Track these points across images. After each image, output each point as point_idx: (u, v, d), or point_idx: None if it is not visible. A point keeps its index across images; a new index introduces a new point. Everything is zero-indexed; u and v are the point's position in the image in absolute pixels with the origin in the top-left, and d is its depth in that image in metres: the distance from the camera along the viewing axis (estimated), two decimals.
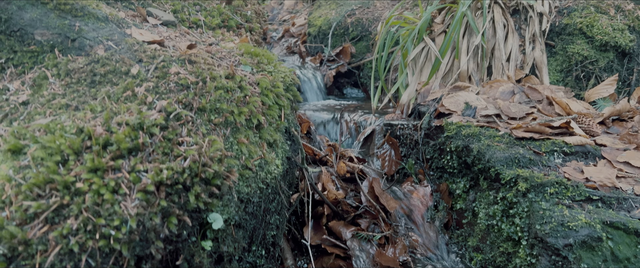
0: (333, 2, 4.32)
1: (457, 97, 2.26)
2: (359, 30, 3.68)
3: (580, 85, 2.26)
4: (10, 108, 1.32)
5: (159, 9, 2.13)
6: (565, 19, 2.28)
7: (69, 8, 1.60)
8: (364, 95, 3.64)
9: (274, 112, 1.53)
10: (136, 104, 1.29)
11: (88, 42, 1.55)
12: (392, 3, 3.83)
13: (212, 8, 2.30)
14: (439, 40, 2.59)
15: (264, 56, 1.71)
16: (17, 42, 1.53)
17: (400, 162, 2.34)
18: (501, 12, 2.43)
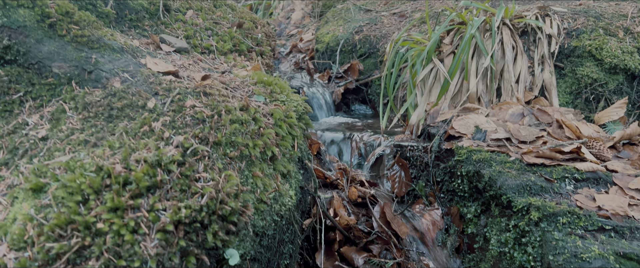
0: (340, 18, 4.35)
1: (467, 119, 2.27)
2: (367, 47, 3.70)
3: (590, 107, 2.26)
4: (30, 143, 1.35)
5: (172, 34, 2.16)
6: (574, 41, 2.29)
7: (85, 40, 1.63)
8: (372, 111, 3.66)
9: (287, 143, 1.55)
10: (154, 139, 1.31)
11: (104, 74, 1.58)
12: (399, 20, 3.85)
13: (223, 32, 2.33)
14: (448, 61, 2.61)
15: (276, 85, 1.74)
16: (35, 74, 1.56)
17: (411, 183, 2.35)
18: (510, 34, 2.45)
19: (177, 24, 2.22)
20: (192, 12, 2.36)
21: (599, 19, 2.35)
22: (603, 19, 2.35)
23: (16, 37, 1.56)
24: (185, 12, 2.34)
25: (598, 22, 2.33)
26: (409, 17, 3.86)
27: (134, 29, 2.05)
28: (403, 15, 3.92)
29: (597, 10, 2.44)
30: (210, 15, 2.44)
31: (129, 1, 2.08)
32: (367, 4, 4.53)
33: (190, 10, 2.36)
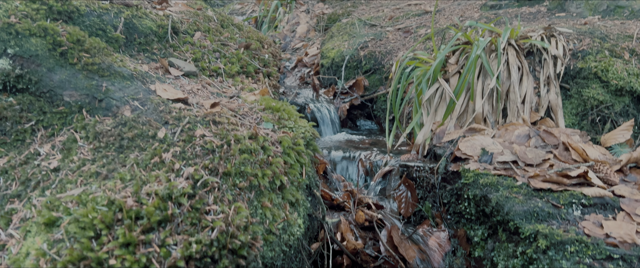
0: (345, 33, 4.38)
1: (473, 140, 2.27)
2: (372, 63, 3.72)
3: (596, 129, 2.27)
4: (42, 175, 1.36)
5: (180, 58, 2.18)
6: (580, 62, 2.29)
7: (96, 68, 1.65)
8: (377, 127, 3.67)
9: (295, 171, 1.56)
10: (164, 171, 1.32)
11: (115, 102, 1.60)
12: (404, 36, 3.87)
13: (231, 54, 2.35)
14: (454, 80, 2.62)
15: (284, 111, 1.75)
16: (47, 103, 1.58)
17: (417, 204, 2.35)
18: (515, 54, 2.46)
19: (185, 46, 2.24)
20: (200, 34, 2.38)
21: (604, 40, 2.36)
22: (608, 40, 2.35)
23: (28, 66, 1.58)
24: (193, 33, 2.36)
25: (603, 43, 2.34)
26: (414, 33, 3.88)
27: (143, 52, 2.08)
28: (408, 31, 3.94)
29: (603, 31, 2.45)
30: (217, 36, 2.46)
31: (138, 25, 2.10)
32: (371, 18, 4.56)
33: (198, 32, 2.38)
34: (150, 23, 2.15)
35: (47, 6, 1.74)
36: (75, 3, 1.85)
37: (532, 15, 3.44)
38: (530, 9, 3.58)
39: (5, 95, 1.55)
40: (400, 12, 4.56)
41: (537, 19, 3.33)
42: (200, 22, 2.50)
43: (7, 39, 1.55)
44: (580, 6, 3.28)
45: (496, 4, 3.82)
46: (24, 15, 1.63)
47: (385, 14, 4.66)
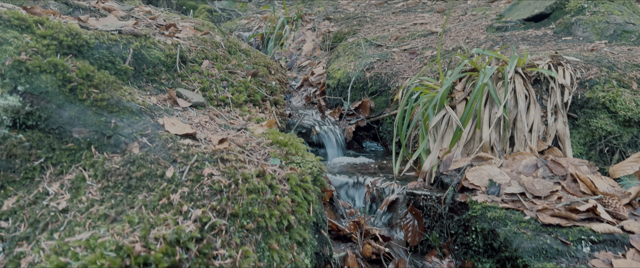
0: (351, 53, 4.39)
1: (480, 170, 2.26)
2: (378, 85, 3.72)
3: (604, 159, 2.25)
4: (50, 216, 1.37)
5: (188, 87, 2.19)
6: (588, 92, 2.29)
7: (105, 104, 1.66)
8: (383, 149, 3.66)
9: (303, 209, 1.56)
10: (172, 214, 1.32)
11: (123, 138, 1.61)
12: (410, 57, 3.87)
13: (238, 82, 2.36)
14: (460, 107, 2.61)
15: (292, 146, 1.75)
16: (56, 139, 1.59)
17: (424, 233, 2.34)
18: (522, 83, 2.45)
19: (193, 75, 2.25)
20: (208, 62, 2.39)
21: (611, 69, 2.36)
22: (616, 69, 2.35)
23: (38, 103, 1.59)
24: (201, 62, 2.38)
25: (611, 72, 2.33)
26: (420, 54, 3.88)
27: (152, 83, 2.09)
28: (414, 52, 3.94)
29: (610, 59, 2.45)
30: (225, 64, 2.47)
31: (147, 56, 2.12)
32: (377, 38, 4.58)
33: (206, 61, 2.39)
34: (158, 53, 2.17)
35: (58, 41, 1.75)
36: (85, 36, 1.87)
37: (539, 38, 3.44)
38: (536, 31, 3.58)
39: (15, 131, 1.57)
40: (406, 32, 4.57)
41: (543, 43, 3.33)
42: (208, 49, 2.51)
43: (18, 76, 1.57)
44: (586, 30, 3.28)
45: (502, 26, 3.82)
46: (35, 51, 1.65)
47: (391, 33, 4.67)
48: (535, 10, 3.78)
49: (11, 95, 1.56)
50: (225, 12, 14.53)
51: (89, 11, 3.00)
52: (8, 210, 1.39)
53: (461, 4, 5.81)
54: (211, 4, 14.54)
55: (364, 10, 6.21)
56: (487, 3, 5.51)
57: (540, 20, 3.75)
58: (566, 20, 3.49)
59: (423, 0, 6.23)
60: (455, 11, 5.40)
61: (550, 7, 3.70)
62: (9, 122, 1.56)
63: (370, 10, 6.25)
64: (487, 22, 4.19)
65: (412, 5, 6.15)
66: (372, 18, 5.60)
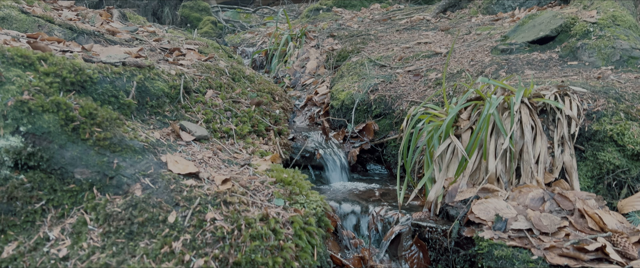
0: (355, 74, 4.38)
1: (486, 203, 2.24)
2: (382, 107, 3.71)
3: (613, 193, 2.22)
4: (50, 264, 1.34)
5: (192, 119, 2.17)
6: (595, 124, 2.26)
7: (107, 143, 1.64)
8: (387, 172, 3.64)
9: (307, 254, 1.53)
10: (174, 263, 1.30)
11: (126, 179, 1.59)
12: (414, 79, 3.86)
13: (242, 113, 2.35)
14: (466, 136, 2.59)
15: (296, 184, 1.73)
16: (58, 180, 1.57)
17: (429, 266, 2.31)
18: (529, 113, 2.43)
19: (197, 106, 2.24)
20: (212, 92, 2.38)
21: (619, 100, 2.33)
22: (623, 101, 2.32)
23: (40, 143, 1.58)
24: (205, 92, 2.37)
25: (619, 104, 2.31)
26: (424, 76, 3.87)
27: (155, 115, 2.07)
28: (418, 74, 3.93)
29: (617, 90, 2.42)
30: (229, 93, 2.46)
31: (150, 88, 2.10)
32: (381, 58, 4.57)
33: (210, 90, 2.38)
34: (162, 85, 2.15)
35: (61, 78, 1.74)
36: (88, 72, 1.86)
37: (544, 62, 3.42)
38: (542, 55, 3.56)
39: (16, 172, 1.55)
40: (410, 52, 4.56)
41: (549, 67, 3.31)
42: (212, 77, 2.50)
43: (20, 117, 1.55)
44: (592, 55, 3.26)
45: (507, 48, 3.81)
46: (37, 90, 1.63)
47: (395, 53, 4.66)
48: (540, 32, 3.77)
49: (13, 136, 1.54)
50: (229, 23, 14.59)
51: (93, 36, 3.00)
52: (8, 257, 1.37)
53: (465, 22, 5.80)
54: (215, 15, 14.63)
55: (368, 28, 6.22)
56: (491, 21, 5.51)
57: (546, 42, 3.73)
58: (572, 44, 3.48)
59: (427, 17, 6.23)
60: (459, 30, 5.39)
61: (556, 30, 3.69)
62: (11, 163, 1.54)
63: (374, 27, 6.25)
64: (491, 43, 4.17)
65: (416, 23, 6.15)
66: (376, 36, 5.59)
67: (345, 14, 9.15)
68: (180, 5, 14.24)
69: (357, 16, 8.72)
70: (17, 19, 2.72)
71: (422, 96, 3.60)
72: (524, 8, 5.60)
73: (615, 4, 3.86)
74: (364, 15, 8.54)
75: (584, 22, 3.59)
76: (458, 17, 6.01)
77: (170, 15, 14.79)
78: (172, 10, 14.59)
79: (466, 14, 6.05)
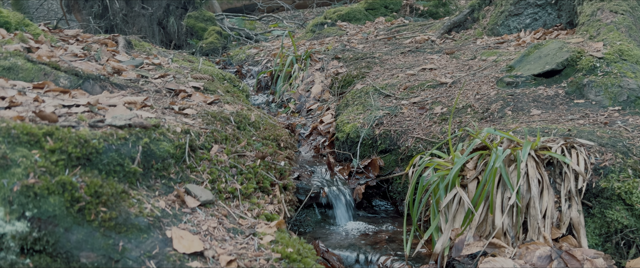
0: (360, 103, 4.37)
1: (493, 262, 2.22)
2: (387, 143, 3.70)
3: (621, 252, 2.20)
4: None
5: (197, 180, 2.17)
6: (602, 181, 2.25)
7: (113, 224, 1.65)
8: (393, 208, 3.63)
9: None
10: None
11: (131, 263, 1.59)
12: (419, 112, 3.84)
13: (247, 169, 2.34)
14: (472, 186, 2.58)
15: (301, 262, 1.72)
16: (64, 263, 1.58)
17: None
18: (535, 166, 2.42)
19: (202, 165, 2.24)
20: (217, 147, 2.38)
21: (627, 155, 2.31)
22: (631, 156, 2.30)
23: (46, 227, 1.58)
24: (210, 147, 2.37)
25: (626, 159, 2.29)
26: (429, 110, 3.85)
27: (160, 179, 2.08)
28: (423, 107, 3.92)
29: (625, 143, 2.40)
30: (234, 146, 2.46)
31: (156, 150, 2.11)
32: (386, 86, 4.56)
33: (216, 145, 2.38)
34: (167, 146, 2.16)
35: (66, 154, 1.75)
36: (94, 142, 1.86)
37: (550, 100, 3.40)
38: (548, 90, 3.54)
39: (22, 257, 1.55)
40: (415, 80, 4.55)
41: (555, 106, 3.29)
42: (218, 130, 2.50)
43: (26, 202, 1.56)
44: (599, 93, 3.24)
45: (513, 82, 3.79)
46: (43, 171, 1.64)
47: (399, 80, 4.65)
48: (546, 65, 3.75)
49: (19, 221, 1.55)
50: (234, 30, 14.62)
51: (98, 81, 3.02)
52: None
53: (470, 44, 5.78)
54: (220, 24, 14.66)
55: (373, 48, 6.21)
56: (496, 44, 5.49)
57: (552, 76, 3.72)
58: (578, 80, 3.46)
59: (431, 38, 6.22)
60: (464, 53, 5.38)
61: (562, 63, 3.67)
62: (17, 248, 1.55)
63: (378, 48, 6.25)
64: (497, 73, 4.16)
65: (421, 44, 6.14)
66: (381, 59, 5.59)
67: (349, 29, 9.15)
68: (185, 15, 14.29)
69: (362, 31, 8.71)
70: (23, 68, 2.73)
71: (427, 132, 3.59)
72: (529, 30, 5.57)
73: (622, 35, 3.84)
74: (368, 31, 8.54)
75: (590, 57, 3.57)
76: (463, 39, 5.99)
77: (175, 25, 14.85)
78: (178, 20, 14.65)
79: (471, 35, 6.03)
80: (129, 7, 15.01)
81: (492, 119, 3.33)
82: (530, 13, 5.55)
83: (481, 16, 6.11)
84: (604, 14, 4.23)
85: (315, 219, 3.40)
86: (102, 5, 15.46)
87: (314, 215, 3.42)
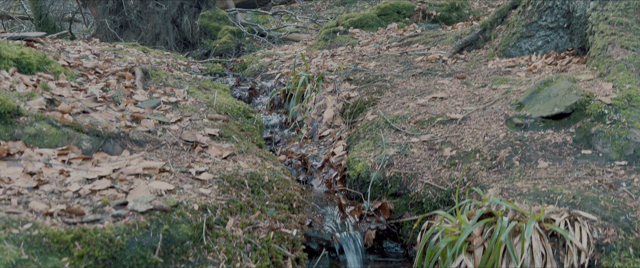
0: (371, 138, 4.46)
1: None
2: (397, 187, 3.79)
3: None
4: None
5: (214, 261, 2.30)
6: (604, 259, 2.32)
7: None
8: (403, 251, 3.74)
9: None
10: None
11: None
12: (428, 153, 3.92)
13: (261, 243, 2.46)
14: (479, 252, 2.67)
15: None
16: None
17: None
18: (539, 238, 2.50)
19: (218, 243, 2.36)
20: (232, 221, 2.50)
21: (629, 231, 2.38)
22: (633, 232, 2.37)
23: None
24: (225, 221, 2.49)
25: (628, 236, 2.36)
26: (439, 151, 3.93)
27: (180, 263, 2.20)
28: (432, 147, 3.99)
29: (628, 216, 2.47)
30: (249, 217, 2.58)
31: (175, 235, 2.23)
32: (396, 119, 4.63)
33: (231, 219, 2.50)
34: (186, 227, 2.28)
35: (93, 259, 1.88)
36: (118, 240, 1.99)
37: (558, 148, 3.46)
38: (556, 136, 3.59)
39: None
40: (425, 112, 4.61)
41: (563, 157, 3.34)
42: (233, 199, 2.62)
43: None
44: (606, 145, 3.29)
45: (522, 123, 3.84)
46: None
47: (410, 112, 4.72)
48: (555, 108, 3.79)
49: None
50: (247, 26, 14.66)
51: (118, 139, 3.14)
52: None
53: (482, 66, 5.81)
54: (233, 20, 14.69)
55: (384, 69, 6.26)
56: (507, 68, 5.51)
57: (560, 118, 3.76)
58: (586, 127, 3.50)
59: (443, 57, 6.25)
60: (475, 77, 5.41)
61: (570, 107, 3.71)
62: None
63: (390, 68, 6.30)
64: (506, 109, 4.20)
65: (433, 64, 6.18)
66: (392, 83, 5.65)
67: (361, 37, 9.17)
68: (199, 14, 14.36)
69: (374, 40, 8.74)
70: (47, 134, 2.87)
71: (437, 178, 3.67)
72: (541, 52, 5.58)
73: (631, 76, 3.86)
74: (380, 40, 8.56)
75: (599, 102, 3.60)
76: (474, 59, 6.01)
77: (189, 24, 14.92)
78: (191, 18, 14.72)
79: (482, 55, 6.04)
80: (144, 4, 15.10)
81: (500, 169, 3.41)
82: (542, 35, 5.55)
83: (493, 36, 6.11)
84: (614, 50, 4.24)
85: (325, 265, 3.53)
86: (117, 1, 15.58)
87: (325, 261, 3.55)
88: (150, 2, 14.23)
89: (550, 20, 5.39)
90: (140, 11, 14.44)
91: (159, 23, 14.29)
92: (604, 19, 4.57)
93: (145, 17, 14.45)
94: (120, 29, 14.89)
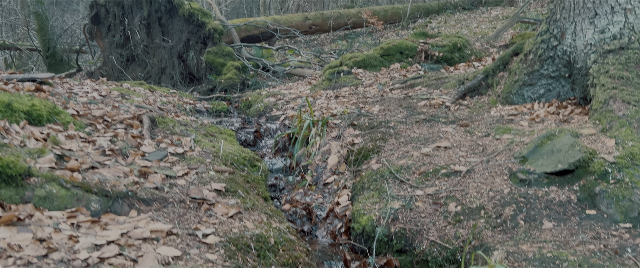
0: (375, 189, 4.48)
1: None
2: (403, 243, 3.80)
3: None
4: None
5: None
6: None
7: None
8: None
9: None
10: None
11: None
12: (433, 208, 3.94)
13: None
14: None
15: None
16: None
17: None
18: None
19: None
20: None
21: None
22: None
23: None
24: None
25: None
26: (444, 205, 3.95)
27: None
28: (437, 202, 4.02)
29: None
30: None
31: None
32: (401, 169, 4.66)
33: None
34: None
35: None
36: None
37: (562, 207, 3.47)
38: (560, 194, 3.61)
39: None
40: (430, 162, 4.65)
41: (567, 218, 3.36)
42: (240, 265, 2.63)
43: None
44: (610, 206, 3.31)
45: (526, 179, 3.87)
46: None
47: (414, 162, 4.75)
48: (558, 164, 3.82)
49: None
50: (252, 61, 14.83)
51: (126, 199, 3.18)
52: None
53: (484, 113, 5.87)
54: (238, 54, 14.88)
55: (388, 114, 6.33)
56: (510, 116, 5.57)
57: (564, 175, 3.79)
58: (590, 185, 3.53)
59: (446, 103, 6.32)
60: (478, 127, 5.46)
61: (574, 164, 3.74)
62: None
63: (394, 113, 6.36)
64: (510, 162, 4.23)
65: (436, 110, 6.24)
66: (396, 130, 5.70)
67: (364, 78, 9.29)
68: (205, 50, 14.57)
69: (377, 81, 8.85)
70: (57, 196, 2.91)
71: (442, 235, 3.68)
72: (543, 101, 5.64)
73: (633, 133, 3.90)
74: (384, 81, 8.66)
75: (602, 160, 3.63)
76: (477, 106, 6.08)
77: (195, 59, 15.14)
78: (197, 54, 14.93)
79: (485, 102, 6.11)
80: (150, 39, 15.35)
81: (505, 229, 3.42)
82: (544, 84, 5.62)
83: (495, 82, 6.19)
84: (616, 104, 4.29)
85: None
86: (124, 35, 15.82)
87: None
88: (157, 37, 14.47)
89: (551, 69, 5.48)
90: (146, 46, 14.67)
91: (165, 58, 14.49)
92: (605, 72, 4.64)
93: (152, 51, 14.68)
94: (126, 62, 15.10)
